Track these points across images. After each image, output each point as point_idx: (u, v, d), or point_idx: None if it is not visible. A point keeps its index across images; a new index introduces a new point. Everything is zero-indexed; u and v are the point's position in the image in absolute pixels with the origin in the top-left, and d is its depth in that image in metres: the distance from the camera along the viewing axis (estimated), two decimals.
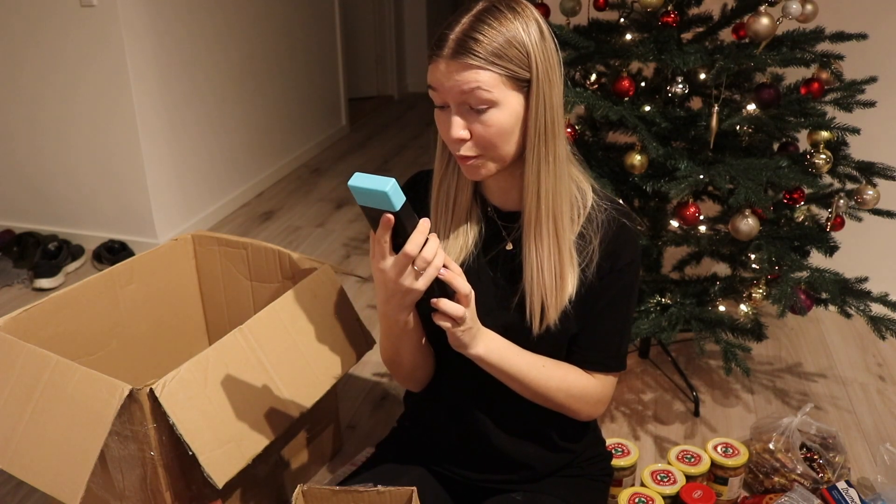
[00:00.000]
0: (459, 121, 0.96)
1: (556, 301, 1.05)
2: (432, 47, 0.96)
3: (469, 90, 0.93)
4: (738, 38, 1.65)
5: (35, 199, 2.86)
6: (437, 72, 0.95)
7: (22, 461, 1.17)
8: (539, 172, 1.01)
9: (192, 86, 2.88)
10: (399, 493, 1.09)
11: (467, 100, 0.95)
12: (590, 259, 1.06)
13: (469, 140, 0.97)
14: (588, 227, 1.06)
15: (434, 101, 0.99)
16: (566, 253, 1.05)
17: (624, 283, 1.09)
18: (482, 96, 0.94)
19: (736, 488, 1.53)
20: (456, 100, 0.95)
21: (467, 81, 0.93)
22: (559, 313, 1.05)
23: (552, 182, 1.01)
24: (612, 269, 1.07)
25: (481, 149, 0.98)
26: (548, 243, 1.04)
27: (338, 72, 4.24)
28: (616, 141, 1.76)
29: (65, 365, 1.18)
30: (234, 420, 1.21)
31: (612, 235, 1.06)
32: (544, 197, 1.02)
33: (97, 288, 1.54)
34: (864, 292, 1.64)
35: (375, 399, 1.92)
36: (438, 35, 0.96)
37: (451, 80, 0.94)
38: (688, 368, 2.01)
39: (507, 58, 0.93)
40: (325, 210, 3.25)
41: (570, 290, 1.05)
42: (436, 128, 1.05)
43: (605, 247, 1.06)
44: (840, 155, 1.69)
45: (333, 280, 1.52)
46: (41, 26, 2.52)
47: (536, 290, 1.05)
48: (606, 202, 1.08)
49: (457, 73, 0.93)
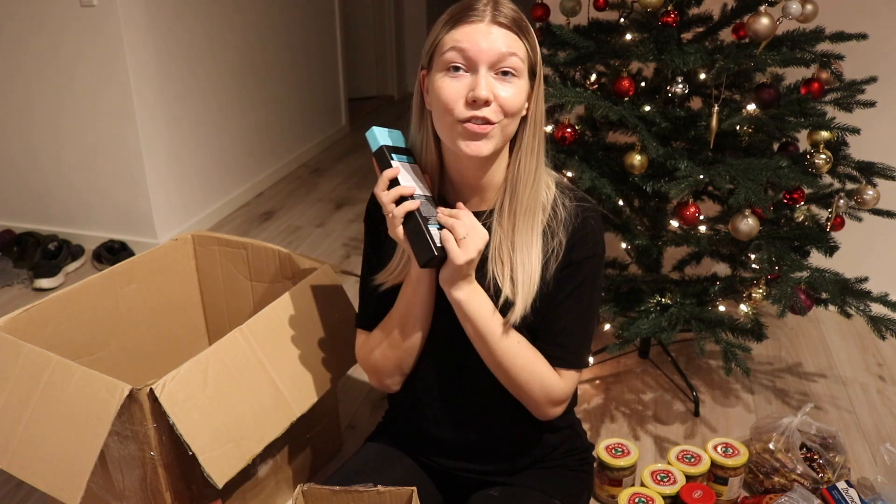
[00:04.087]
0: (489, 80, 0.98)
1: (523, 294, 1.07)
2: (462, 13, 0.99)
3: (508, 53, 0.98)
4: (738, 38, 1.65)
5: (35, 199, 2.86)
6: (475, 32, 0.98)
7: (22, 461, 1.17)
8: (526, 164, 1.05)
9: (192, 86, 2.88)
10: (399, 493, 1.09)
11: (500, 63, 0.98)
12: (554, 252, 1.08)
13: (492, 103, 0.99)
14: (553, 221, 1.09)
15: (453, 61, 0.99)
16: (535, 246, 1.07)
17: (584, 276, 1.11)
18: (515, 63, 0.99)
19: (736, 488, 1.53)
20: (490, 61, 0.98)
21: (507, 45, 0.98)
22: (525, 306, 1.07)
23: (534, 175, 1.06)
24: (570, 262, 1.09)
25: (503, 115, 1.00)
26: (521, 236, 1.07)
27: (338, 72, 4.24)
28: (616, 141, 1.76)
29: (65, 365, 1.18)
30: (234, 420, 1.21)
31: (573, 229, 1.09)
32: (523, 189, 1.06)
33: (97, 288, 1.54)
34: (864, 292, 1.64)
35: (375, 399, 1.92)
36: (463, 7, 1.00)
37: (491, 40, 0.97)
38: (688, 368, 2.01)
39: (529, 39, 1.01)
40: (325, 210, 3.25)
41: (537, 282, 1.08)
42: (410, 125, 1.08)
43: (566, 240, 1.09)
44: (840, 155, 1.69)
45: (333, 280, 1.52)
46: (41, 26, 2.52)
47: (506, 283, 1.07)
48: (570, 197, 1.11)
49: (499, 34, 0.98)
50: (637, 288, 1.80)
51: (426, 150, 1.08)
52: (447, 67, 0.99)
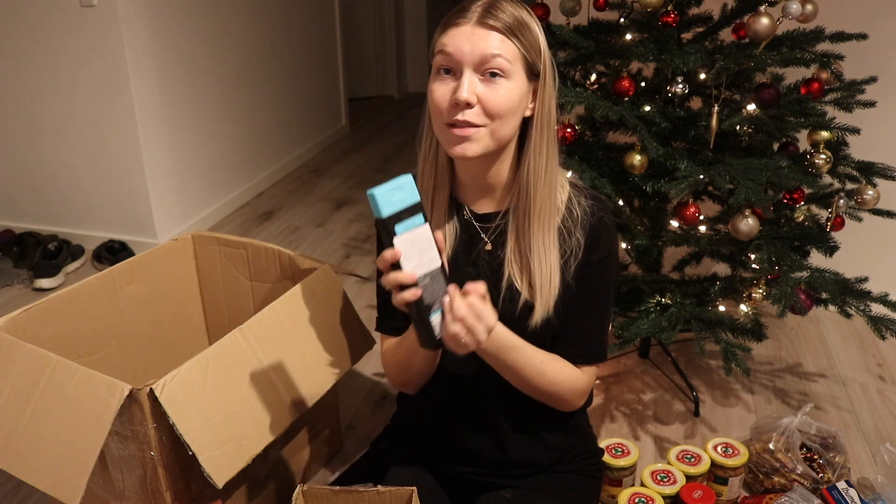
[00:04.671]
0: (474, 84, 0.98)
1: (543, 296, 1.06)
2: (453, 16, 0.99)
3: (491, 55, 0.97)
4: (738, 38, 1.65)
5: (35, 199, 2.86)
6: (459, 35, 0.97)
7: (22, 461, 1.17)
8: (537, 166, 1.04)
9: (192, 85, 2.88)
10: (399, 492, 1.09)
11: (485, 65, 0.97)
12: (573, 252, 1.08)
13: (475, 106, 0.98)
14: (568, 220, 1.09)
15: (441, 65, 0.99)
16: (552, 247, 1.06)
17: (602, 274, 1.11)
18: (501, 64, 0.97)
19: (736, 488, 1.53)
20: (473, 63, 0.97)
21: (491, 46, 0.97)
22: (547, 308, 1.06)
23: (546, 175, 1.04)
24: (590, 261, 1.09)
25: (486, 117, 0.99)
26: (537, 238, 1.06)
27: (338, 72, 4.24)
28: (616, 141, 1.76)
29: (65, 365, 1.18)
30: (234, 420, 1.21)
31: (590, 228, 1.08)
32: (536, 190, 1.04)
33: (97, 288, 1.54)
34: (864, 292, 1.64)
35: (375, 399, 1.92)
36: (459, 7, 1.00)
37: (474, 42, 0.97)
38: (688, 368, 2.01)
39: (526, 39, 0.99)
40: (325, 210, 3.25)
41: (557, 284, 1.07)
42: (423, 123, 1.06)
43: (584, 239, 1.08)
44: (840, 155, 1.69)
45: (333, 280, 1.52)
46: (41, 26, 2.52)
47: (524, 286, 1.06)
48: (585, 195, 1.11)
49: (482, 37, 0.97)
50: (637, 288, 1.80)
51: (436, 153, 1.08)
52: (437, 71, 1.00)
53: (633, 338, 1.65)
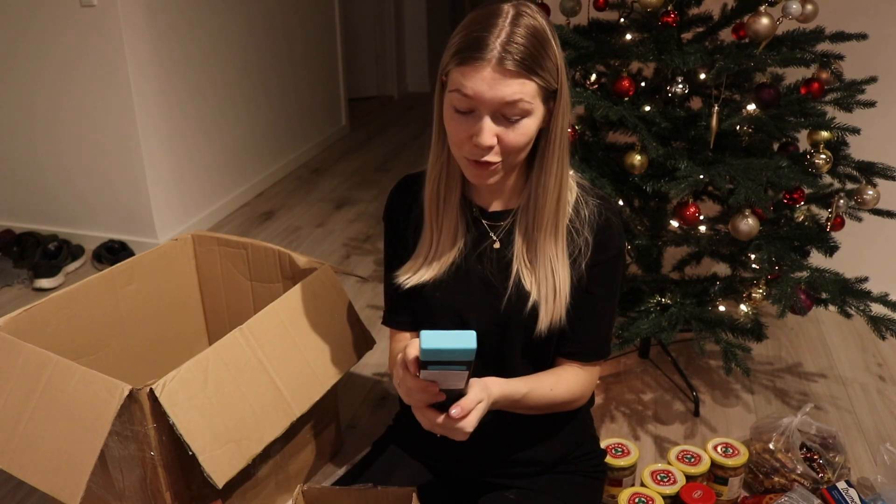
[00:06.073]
0: (492, 127, 0.96)
1: (552, 301, 1.06)
2: (470, 48, 0.93)
3: (512, 101, 0.93)
4: (738, 38, 1.65)
5: (35, 199, 2.86)
6: (479, 79, 0.92)
7: (22, 461, 1.17)
8: (547, 170, 1.03)
9: (192, 85, 2.88)
10: (399, 492, 1.09)
11: (506, 110, 0.94)
12: (581, 252, 1.08)
13: (494, 146, 0.97)
14: (576, 220, 1.09)
15: (457, 107, 0.96)
16: (561, 248, 1.07)
17: (610, 274, 1.12)
18: (522, 108, 0.94)
19: (736, 488, 1.53)
20: (493, 108, 0.95)
21: (513, 93, 0.93)
22: (556, 313, 1.06)
23: (557, 179, 1.04)
24: (599, 261, 1.09)
25: (504, 155, 0.99)
26: (546, 241, 1.06)
27: (338, 72, 4.24)
28: (616, 141, 1.76)
29: (65, 365, 1.18)
30: (234, 420, 1.21)
31: (598, 228, 1.09)
32: (545, 194, 1.04)
33: (97, 288, 1.54)
34: (864, 292, 1.64)
35: (375, 399, 1.92)
36: (473, 38, 0.93)
37: (496, 89, 0.92)
38: (688, 368, 2.01)
39: (546, 70, 0.95)
40: (325, 210, 3.25)
41: (567, 293, 1.07)
42: (433, 129, 1.06)
43: (592, 239, 1.08)
44: (840, 155, 1.69)
45: (333, 280, 1.52)
46: (41, 26, 2.52)
47: (533, 287, 1.06)
48: (591, 195, 1.11)
49: (502, 82, 0.92)
50: (637, 288, 1.80)
51: (448, 160, 1.07)
52: (454, 108, 0.97)
53: (633, 338, 1.65)
